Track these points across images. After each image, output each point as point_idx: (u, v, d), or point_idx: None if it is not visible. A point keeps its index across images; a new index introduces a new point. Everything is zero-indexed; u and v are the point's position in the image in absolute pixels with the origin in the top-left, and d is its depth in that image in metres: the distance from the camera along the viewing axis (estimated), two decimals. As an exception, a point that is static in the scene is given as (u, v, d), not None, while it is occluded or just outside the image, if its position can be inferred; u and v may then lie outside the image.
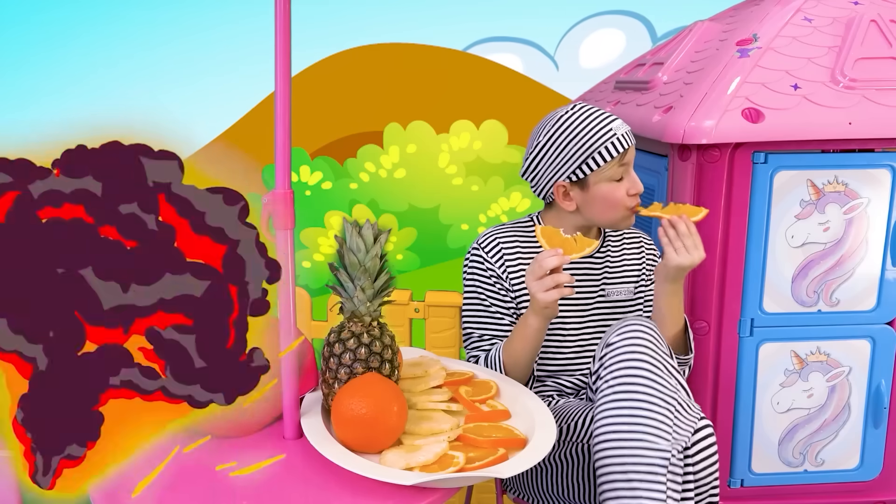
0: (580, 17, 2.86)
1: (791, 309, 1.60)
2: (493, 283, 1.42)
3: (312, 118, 2.90)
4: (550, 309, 1.26)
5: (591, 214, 1.41)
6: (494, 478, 1.02)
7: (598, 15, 2.86)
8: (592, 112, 1.38)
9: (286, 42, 1.01)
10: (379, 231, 1.10)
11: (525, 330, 1.31)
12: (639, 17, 2.84)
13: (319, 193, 2.96)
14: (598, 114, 1.38)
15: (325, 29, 2.86)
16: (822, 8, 1.64)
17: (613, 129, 1.36)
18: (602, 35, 2.88)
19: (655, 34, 2.84)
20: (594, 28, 2.87)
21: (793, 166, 1.53)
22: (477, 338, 1.43)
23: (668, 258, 1.29)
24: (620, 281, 1.50)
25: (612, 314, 1.48)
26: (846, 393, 1.64)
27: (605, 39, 2.88)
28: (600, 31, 2.88)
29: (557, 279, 1.23)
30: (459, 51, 2.87)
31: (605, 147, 1.36)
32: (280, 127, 1.01)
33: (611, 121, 1.37)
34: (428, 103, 2.88)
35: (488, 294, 1.43)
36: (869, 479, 1.68)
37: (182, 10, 2.84)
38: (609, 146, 1.36)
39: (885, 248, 1.58)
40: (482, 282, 1.43)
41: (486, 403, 1.18)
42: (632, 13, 2.85)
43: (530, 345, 1.32)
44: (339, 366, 1.09)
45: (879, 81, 1.52)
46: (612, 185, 1.37)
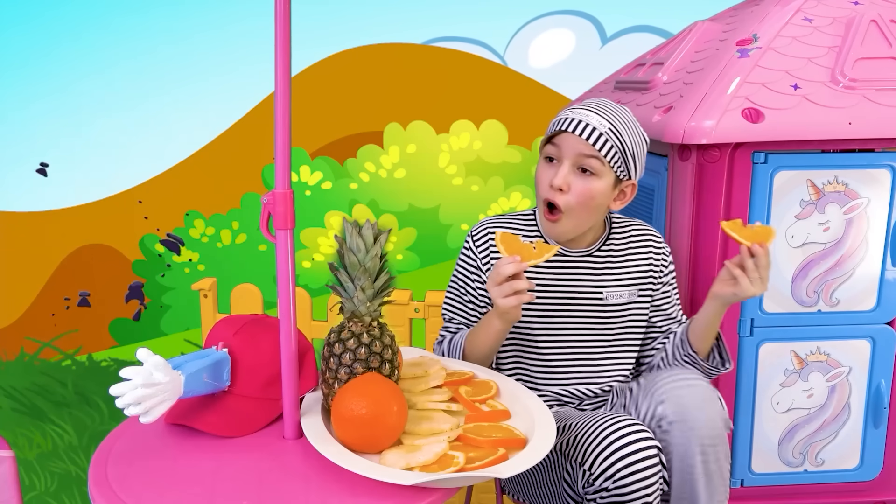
0: (529, 18, 2.86)
1: (791, 309, 1.60)
2: (473, 274, 1.42)
3: (312, 118, 2.90)
4: (511, 314, 1.24)
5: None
6: (494, 478, 1.02)
7: (548, 15, 2.86)
8: (578, 102, 1.38)
9: (286, 42, 1.01)
10: (379, 231, 1.10)
11: (488, 328, 1.31)
12: (588, 17, 2.84)
13: (319, 193, 2.96)
14: (595, 105, 1.34)
15: (325, 29, 2.86)
16: (822, 8, 1.64)
17: (568, 113, 1.32)
18: (551, 35, 2.88)
19: (605, 34, 2.84)
20: (543, 28, 2.87)
21: (793, 166, 1.53)
22: (447, 320, 1.46)
23: (744, 288, 1.24)
24: (621, 284, 1.43)
25: (611, 318, 1.43)
26: (846, 393, 1.64)
27: (555, 39, 2.88)
28: (550, 31, 2.87)
29: (515, 286, 1.20)
30: (462, 51, 2.87)
31: (551, 124, 1.34)
32: (280, 127, 1.01)
33: (581, 108, 1.32)
34: (428, 103, 2.88)
35: (467, 284, 1.43)
36: (869, 479, 1.68)
37: (182, 10, 2.84)
38: (552, 123, 1.34)
39: (885, 248, 1.58)
40: (465, 270, 1.44)
41: (486, 403, 1.18)
42: (581, 13, 2.85)
43: (491, 341, 1.32)
44: (339, 366, 1.09)
45: (879, 81, 1.52)
46: (541, 164, 1.35)
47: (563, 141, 1.31)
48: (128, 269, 2.99)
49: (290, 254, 1.05)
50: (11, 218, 2.92)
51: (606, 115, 1.31)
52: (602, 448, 1.15)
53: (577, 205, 1.32)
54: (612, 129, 1.30)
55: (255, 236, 2.98)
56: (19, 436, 2.62)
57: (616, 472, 1.14)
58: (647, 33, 2.83)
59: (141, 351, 0.99)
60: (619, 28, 2.83)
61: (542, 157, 1.36)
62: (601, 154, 1.29)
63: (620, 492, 1.15)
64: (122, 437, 1.11)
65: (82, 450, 2.55)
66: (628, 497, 1.15)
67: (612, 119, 1.31)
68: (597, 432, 1.17)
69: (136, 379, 0.97)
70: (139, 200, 2.92)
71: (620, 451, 1.14)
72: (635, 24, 2.82)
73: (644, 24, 2.82)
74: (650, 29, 2.83)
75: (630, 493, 1.15)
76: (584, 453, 1.18)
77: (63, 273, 2.96)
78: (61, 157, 2.89)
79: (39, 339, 2.97)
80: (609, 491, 1.16)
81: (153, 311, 3.02)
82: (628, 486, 1.14)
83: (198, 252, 2.99)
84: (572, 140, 1.29)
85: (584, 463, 1.18)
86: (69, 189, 2.92)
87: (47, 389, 2.86)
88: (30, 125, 2.87)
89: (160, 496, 0.96)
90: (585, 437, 1.18)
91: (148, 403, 0.97)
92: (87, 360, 2.98)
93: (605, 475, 1.15)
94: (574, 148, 1.30)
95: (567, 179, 1.30)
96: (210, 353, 1.10)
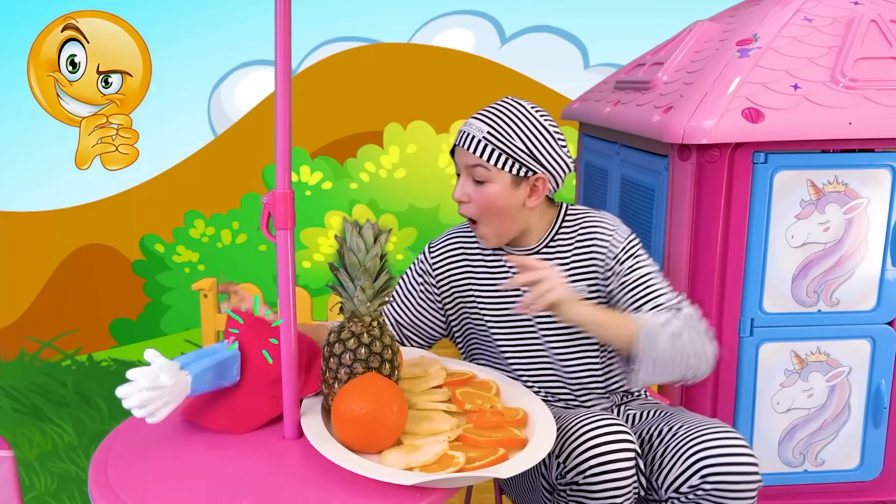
0: (429, 17, 2.87)
1: (791, 309, 1.60)
2: (420, 277, 1.43)
3: (312, 118, 2.90)
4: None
5: None
6: (494, 478, 1.02)
7: (448, 15, 2.87)
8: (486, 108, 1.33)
9: (286, 42, 1.00)
10: (379, 231, 1.10)
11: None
12: (487, 17, 2.85)
13: (319, 193, 2.96)
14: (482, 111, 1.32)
15: (325, 29, 2.86)
16: (822, 8, 1.64)
17: (466, 123, 1.31)
18: (451, 35, 2.89)
19: (504, 34, 2.86)
20: (443, 28, 2.88)
21: (793, 166, 1.53)
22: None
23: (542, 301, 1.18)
24: (569, 280, 1.33)
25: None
26: (846, 393, 1.64)
27: (454, 39, 2.89)
28: (449, 31, 2.88)
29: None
30: (462, 51, 2.88)
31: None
32: (280, 127, 1.01)
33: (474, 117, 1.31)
34: (428, 103, 2.88)
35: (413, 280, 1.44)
36: (869, 479, 1.68)
37: (182, 10, 2.85)
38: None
39: (885, 248, 1.58)
40: (411, 273, 1.45)
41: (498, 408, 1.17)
42: (480, 13, 2.86)
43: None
44: (339, 366, 1.09)
45: (879, 81, 1.52)
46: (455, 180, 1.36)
47: (457, 156, 1.33)
48: (128, 269, 2.99)
49: (290, 254, 1.05)
50: (11, 218, 2.92)
51: (488, 119, 1.29)
52: (579, 443, 1.15)
53: (481, 212, 1.31)
54: (491, 133, 1.28)
55: (255, 236, 2.99)
56: (19, 436, 2.62)
57: (588, 469, 1.14)
58: (547, 33, 2.85)
59: (148, 352, 0.99)
60: (518, 28, 2.85)
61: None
62: (483, 160, 1.28)
63: (590, 488, 1.15)
64: (122, 437, 1.11)
65: (82, 450, 2.55)
66: (597, 495, 1.15)
67: (493, 121, 1.29)
68: (577, 426, 1.17)
69: (141, 381, 0.97)
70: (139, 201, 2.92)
71: (596, 449, 1.14)
72: (534, 24, 2.85)
73: (543, 24, 2.84)
74: (549, 29, 2.84)
75: (599, 490, 1.15)
76: (560, 445, 1.18)
77: (63, 273, 2.96)
78: (61, 157, 2.89)
79: (39, 339, 2.97)
80: (579, 485, 1.16)
81: (153, 311, 3.02)
82: (598, 485, 1.14)
83: (198, 252, 2.99)
84: (461, 153, 1.31)
85: (560, 455, 1.18)
86: (69, 189, 2.92)
87: (47, 389, 2.86)
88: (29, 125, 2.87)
89: (160, 496, 0.96)
90: (566, 430, 1.18)
91: (153, 406, 0.97)
92: (87, 360, 2.98)
93: (577, 469, 1.15)
94: (463, 160, 1.31)
95: (464, 190, 1.31)
96: (219, 350, 1.10)
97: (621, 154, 1.92)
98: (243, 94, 2.91)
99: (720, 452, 1.18)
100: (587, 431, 1.16)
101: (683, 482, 1.20)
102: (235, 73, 2.89)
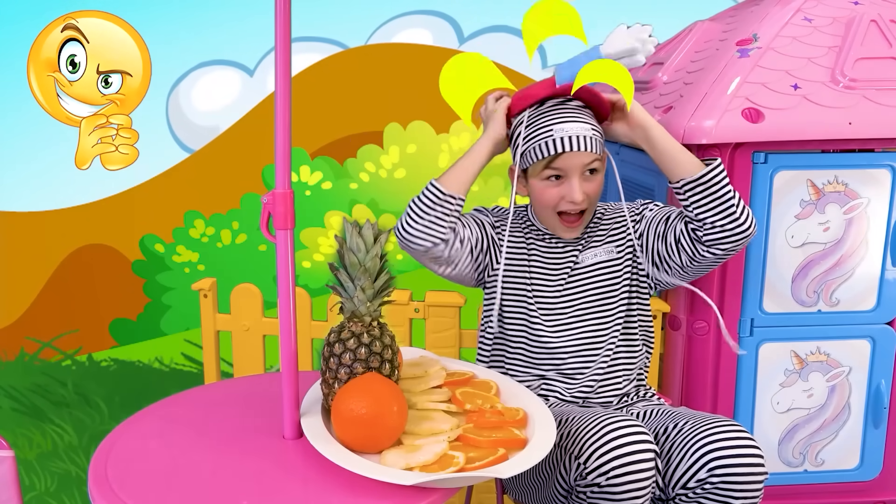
0: (387, 17, 2.85)
1: (791, 309, 1.60)
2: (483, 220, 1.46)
3: (312, 118, 2.90)
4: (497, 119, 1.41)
5: (534, 208, 1.44)
6: (494, 478, 1.02)
7: (406, 15, 2.85)
8: (553, 108, 1.36)
9: (286, 42, 1.01)
10: (379, 231, 1.10)
11: (474, 149, 1.44)
12: (446, 17, 2.83)
13: (319, 193, 2.96)
14: (556, 112, 1.35)
15: (325, 29, 2.86)
16: (822, 8, 1.64)
17: (553, 132, 1.33)
18: (409, 35, 2.86)
19: (462, 34, 2.84)
20: (401, 28, 2.86)
21: (793, 166, 1.53)
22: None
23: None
24: (596, 245, 1.43)
25: (588, 278, 1.41)
26: (846, 393, 1.64)
27: (413, 39, 2.86)
28: (407, 31, 2.86)
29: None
30: (462, 51, 2.87)
31: (537, 146, 1.35)
32: (280, 127, 1.01)
33: (560, 122, 1.33)
34: (428, 103, 2.88)
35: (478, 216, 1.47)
36: (869, 479, 1.68)
37: (182, 10, 2.84)
38: (539, 147, 1.34)
39: (885, 248, 1.58)
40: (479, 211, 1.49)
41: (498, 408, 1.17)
42: (438, 13, 2.84)
43: (477, 160, 1.43)
44: (339, 366, 1.09)
45: (879, 81, 1.52)
46: (543, 184, 1.37)
47: (566, 161, 1.33)
48: (128, 269, 2.98)
49: (290, 254, 1.05)
50: (11, 218, 2.92)
51: (579, 117, 1.35)
52: (600, 444, 1.15)
53: (592, 203, 1.38)
54: (594, 129, 1.34)
55: (255, 236, 2.98)
56: (19, 436, 2.62)
57: (610, 470, 1.14)
58: (504, 33, 2.83)
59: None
60: (476, 28, 2.83)
61: (539, 178, 1.37)
62: (597, 154, 1.35)
63: (611, 489, 1.15)
64: (122, 437, 1.11)
65: (82, 450, 2.55)
66: (618, 496, 1.15)
67: (585, 118, 1.35)
68: (597, 427, 1.17)
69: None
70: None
71: (618, 451, 1.14)
72: (492, 25, 2.83)
73: (501, 24, 2.83)
74: (507, 29, 2.83)
75: (621, 492, 1.15)
76: (581, 446, 1.18)
77: (63, 273, 2.96)
78: (61, 157, 2.89)
79: (39, 339, 2.97)
80: (600, 487, 1.16)
81: (153, 311, 3.02)
82: (620, 486, 1.15)
83: (198, 252, 2.99)
84: (576, 156, 1.33)
85: (579, 456, 1.18)
86: (69, 189, 2.92)
87: (47, 389, 2.86)
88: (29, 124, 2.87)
89: (160, 496, 0.96)
90: (585, 431, 1.19)
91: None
92: (87, 360, 2.98)
93: (598, 471, 1.15)
94: (578, 161, 1.33)
95: (584, 189, 1.35)
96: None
97: (621, 154, 1.92)
98: (244, 94, 2.90)
99: (726, 446, 1.19)
100: (609, 432, 1.16)
101: (691, 477, 1.21)
102: (237, 72, 2.89)
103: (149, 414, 1.20)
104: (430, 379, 1.22)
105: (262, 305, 1.80)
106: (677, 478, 1.23)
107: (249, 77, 2.86)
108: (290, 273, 1.05)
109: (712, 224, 1.29)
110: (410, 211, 1.41)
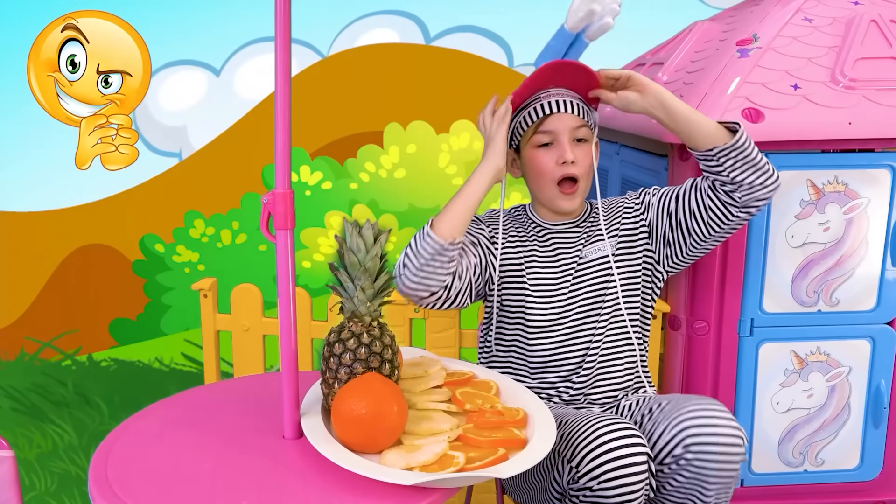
0: (353, 17, 2.84)
1: (791, 309, 1.60)
2: (478, 236, 1.46)
3: (312, 118, 2.90)
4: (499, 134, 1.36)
5: (531, 187, 1.46)
6: (494, 478, 1.02)
7: (372, 15, 2.84)
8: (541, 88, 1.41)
9: (286, 42, 1.01)
10: (379, 231, 1.10)
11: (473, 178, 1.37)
12: (412, 17, 2.84)
13: (319, 193, 2.96)
14: (544, 89, 1.40)
15: (324, 29, 2.86)
16: (822, 8, 1.64)
17: (540, 99, 1.39)
18: (375, 35, 2.86)
19: (429, 34, 2.84)
20: (367, 28, 2.86)
21: (793, 166, 1.53)
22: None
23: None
24: (598, 239, 1.44)
25: (589, 274, 1.43)
26: (846, 393, 1.64)
27: (379, 39, 2.87)
28: (374, 31, 2.86)
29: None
30: (463, 52, 2.87)
31: (526, 114, 1.40)
32: (280, 127, 1.01)
33: (545, 93, 1.39)
34: (428, 103, 2.88)
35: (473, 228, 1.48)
36: (869, 479, 1.68)
37: (182, 10, 2.84)
38: (529, 114, 1.40)
39: (885, 248, 1.58)
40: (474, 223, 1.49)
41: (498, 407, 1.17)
42: (405, 13, 2.84)
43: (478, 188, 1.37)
44: (339, 366, 1.09)
45: (879, 81, 1.52)
46: (536, 152, 1.40)
47: (554, 123, 1.38)
48: (128, 269, 2.98)
49: (290, 254, 1.05)
50: (11, 218, 2.92)
51: (564, 91, 1.40)
52: (592, 447, 1.15)
53: (584, 171, 1.41)
54: (579, 98, 1.40)
55: (255, 236, 2.98)
56: (19, 436, 2.62)
57: (602, 474, 1.14)
58: (471, 33, 2.84)
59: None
60: (442, 28, 2.83)
61: (531, 147, 1.41)
62: (584, 121, 1.40)
63: (604, 493, 1.15)
64: (122, 437, 1.11)
65: (82, 450, 2.55)
66: (610, 499, 1.15)
67: (570, 91, 1.41)
68: (589, 431, 1.17)
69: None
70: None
71: (610, 454, 1.14)
72: (458, 25, 2.84)
73: (467, 24, 2.84)
74: (473, 29, 2.83)
75: (613, 496, 1.15)
76: (573, 450, 1.18)
77: (63, 273, 2.96)
78: (61, 157, 2.89)
79: (39, 339, 2.97)
80: (593, 491, 1.16)
81: (153, 311, 3.01)
82: (612, 490, 1.14)
83: (198, 252, 2.99)
84: (562, 119, 1.38)
85: (572, 460, 1.18)
86: (69, 189, 2.92)
87: (47, 389, 2.86)
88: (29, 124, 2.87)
89: (160, 496, 0.96)
90: (578, 435, 1.18)
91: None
92: (87, 360, 2.98)
93: (591, 475, 1.15)
94: (566, 125, 1.38)
95: (574, 152, 1.38)
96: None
97: (621, 154, 1.92)
98: (244, 94, 2.90)
99: (703, 423, 1.19)
100: (600, 436, 1.16)
101: (668, 453, 1.21)
102: (237, 73, 2.89)
103: (149, 414, 1.20)
104: (430, 379, 1.22)
105: (262, 305, 1.80)
106: (655, 454, 1.24)
107: (216, 77, 2.86)
108: (290, 273, 1.05)
109: (750, 184, 1.32)
110: (408, 261, 1.35)
